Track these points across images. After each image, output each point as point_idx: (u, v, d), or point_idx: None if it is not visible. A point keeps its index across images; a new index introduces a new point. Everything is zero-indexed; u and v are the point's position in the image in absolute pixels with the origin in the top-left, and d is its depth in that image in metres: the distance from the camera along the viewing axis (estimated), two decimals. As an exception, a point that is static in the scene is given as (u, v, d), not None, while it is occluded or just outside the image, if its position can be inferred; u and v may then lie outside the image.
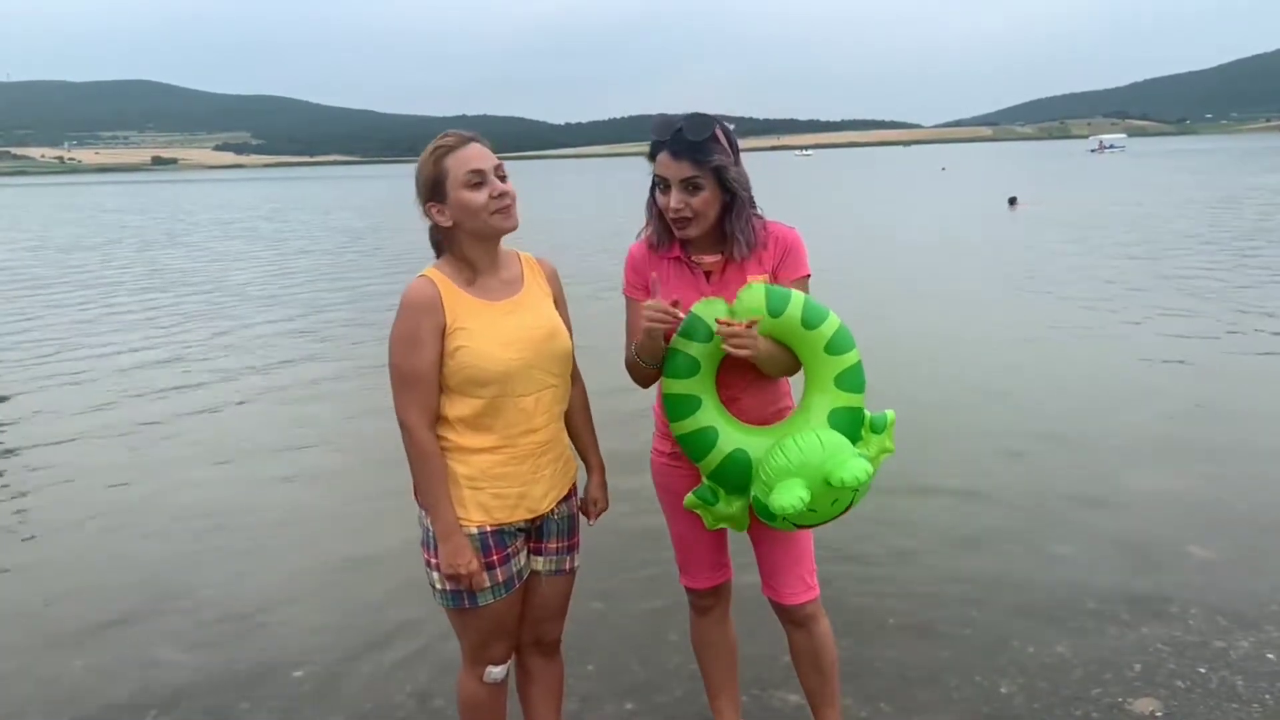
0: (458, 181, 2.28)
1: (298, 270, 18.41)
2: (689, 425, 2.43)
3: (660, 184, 2.44)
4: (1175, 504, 5.04)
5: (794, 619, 2.68)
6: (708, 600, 2.82)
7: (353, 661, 3.72)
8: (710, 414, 2.43)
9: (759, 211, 2.53)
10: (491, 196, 2.29)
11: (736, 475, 2.39)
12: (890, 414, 2.49)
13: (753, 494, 2.35)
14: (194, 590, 4.43)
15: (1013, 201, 27.67)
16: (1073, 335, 9.50)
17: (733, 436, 2.41)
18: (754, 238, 2.48)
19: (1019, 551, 4.53)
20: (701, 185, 2.37)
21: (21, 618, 4.24)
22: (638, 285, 2.61)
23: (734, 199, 2.43)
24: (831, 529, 4.51)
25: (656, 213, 2.53)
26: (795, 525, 2.35)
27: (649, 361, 2.47)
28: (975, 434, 6.43)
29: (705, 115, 2.40)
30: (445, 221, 2.32)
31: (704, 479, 2.48)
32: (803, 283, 2.54)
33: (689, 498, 2.41)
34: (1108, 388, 7.43)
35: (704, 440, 2.41)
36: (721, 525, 2.40)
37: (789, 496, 2.22)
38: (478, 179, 2.28)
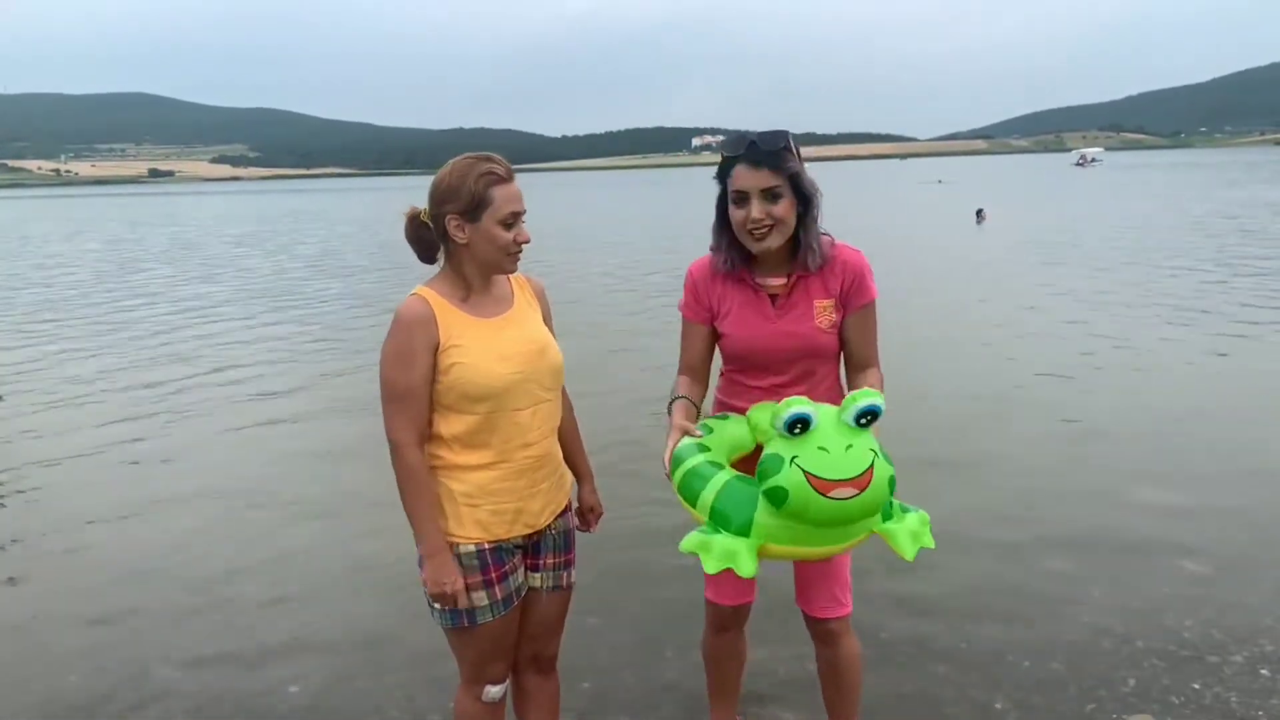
0: (496, 216, 2.30)
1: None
2: (683, 471, 2.34)
3: (737, 198, 2.42)
4: (1170, 518, 5.05)
5: (820, 632, 2.72)
6: (728, 620, 2.81)
7: (348, 678, 3.72)
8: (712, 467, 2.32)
9: (826, 232, 2.53)
10: (515, 241, 2.34)
11: (735, 506, 2.17)
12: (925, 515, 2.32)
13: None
14: (189, 604, 4.42)
15: (980, 214, 28.18)
16: (1053, 346, 9.51)
17: (729, 474, 2.28)
18: (824, 251, 2.49)
19: (1013, 566, 4.54)
20: (781, 193, 2.39)
21: (14, 632, 4.23)
22: (693, 305, 2.61)
23: (808, 208, 2.44)
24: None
25: (728, 236, 2.52)
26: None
27: None
28: (967, 449, 6.43)
29: (777, 130, 2.43)
30: (461, 239, 2.32)
31: (705, 521, 2.24)
32: (870, 307, 2.55)
33: (686, 540, 2.16)
34: (1100, 400, 7.45)
35: (697, 478, 2.28)
36: (725, 566, 2.11)
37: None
38: (513, 220, 2.32)
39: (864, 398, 2.06)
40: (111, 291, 17.54)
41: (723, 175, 2.47)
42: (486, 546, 2.37)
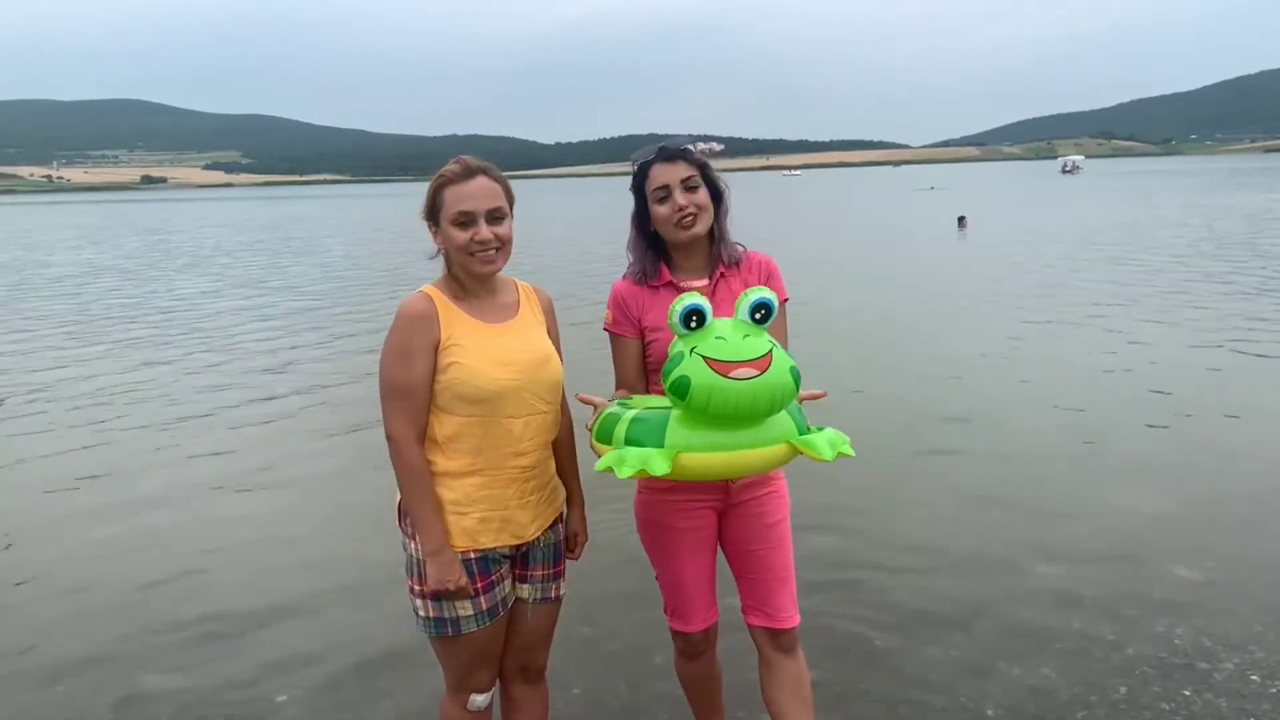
0: (448, 217, 2.33)
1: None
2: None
3: (659, 195, 2.58)
4: (1160, 524, 5.06)
5: (783, 644, 2.66)
6: (699, 645, 2.79)
7: (337, 687, 3.70)
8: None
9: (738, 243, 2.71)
10: (473, 240, 2.32)
11: (647, 430, 2.17)
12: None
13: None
14: (176, 615, 4.39)
15: (961, 221, 28.66)
16: (1044, 353, 9.56)
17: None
18: (739, 250, 2.68)
19: (1005, 573, 4.53)
20: (698, 183, 2.58)
21: (1, 641, 4.19)
22: (622, 321, 2.67)
23: (720, 198, 2.64)
24: (819, 552, 4.54)
25: (643, 244, 2.67)
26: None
27: None
28: (957, 455, 6.44)
29: (684, 135, 2.65)
30: (438, 244, 2.39)
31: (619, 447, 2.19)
32: (783, 307, 2.67)
33: (600, 461, 2.15)
34: (1088, 406, 7.46)
35: (610, 419, 2.29)
36: (639, 469, 2.06)
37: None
38: (465, 219, 2.32)
39: (755, 293, 2.17)
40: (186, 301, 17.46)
41: (639, 185, 2.63)
42: (473, 556, 2.36)
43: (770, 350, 2.11)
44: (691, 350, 2.10)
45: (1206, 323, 10.94)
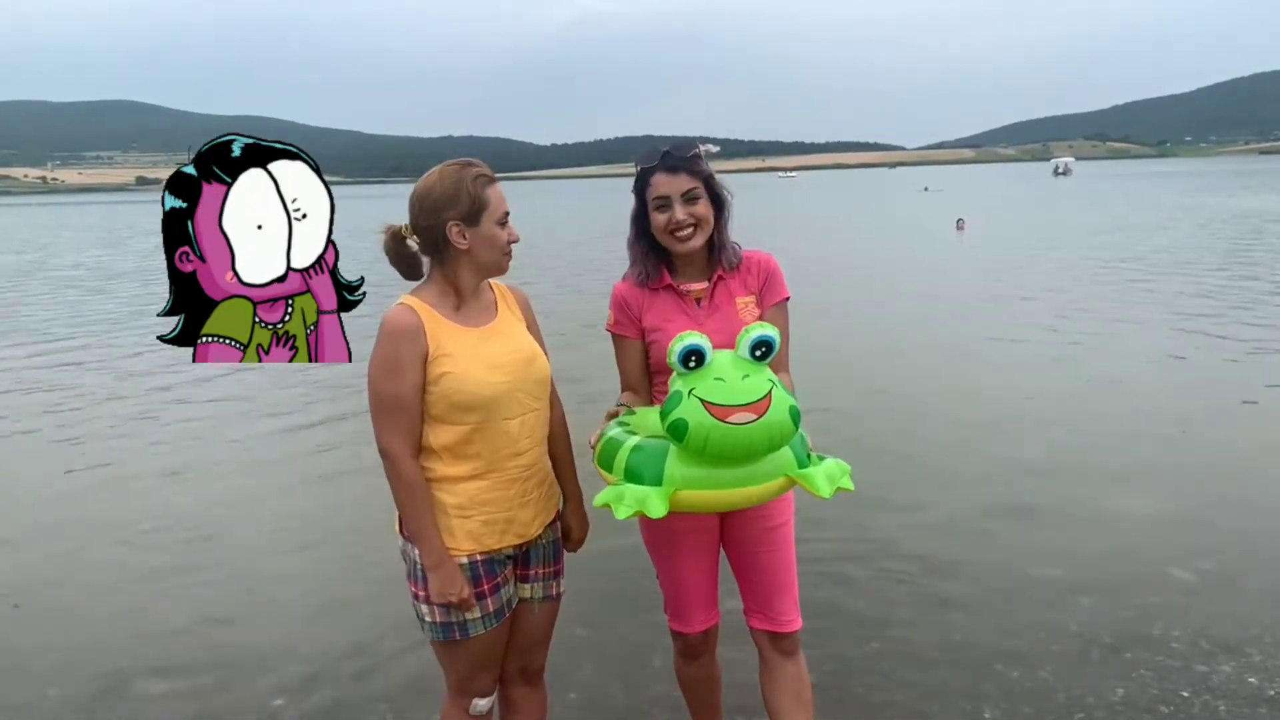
0: (493, 215, 2.33)
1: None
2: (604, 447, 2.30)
3: (658, 204, 2.55)
4: (1156, 526, 5.07)
5: (786, 648, 2.65)
6: (699, 646, 2.79)
7: (334, 690, 3.69)
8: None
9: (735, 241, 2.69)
10: (509, 239, 2.37)
11: (647, 461, 2.15)
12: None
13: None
14: (171, 617, 4.38)
15: (959, 223, 28.90)
16: (1042, 356, 9.56)
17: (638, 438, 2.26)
18: (736, 254, 2.65)
19: (1001, 576, 4.53)
20: (699, 195, 2.55)
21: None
22: (624, 322, 2.67)
23: (723, 208, 2.62)
24: (816, 553, 4.54)
25: (643, 247, 2.66)
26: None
27: None
28: (954, 457, 6.44)
29: (686, 138, 2.60)
30: (463, 245, 2.32)
31: (618, 480, 2.19)
32: (784, 305, 2.68)
33: (600, 495, 2.15)
34: (1086, 410, 7.47)
35: (613, 443, 2.26)
36: (636, 510, 2.08)
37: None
38: (505, 220, 2.36)
39: (756, 329, 2.13)
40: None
41: (640, 188, 2.60)
42: (479, 559, 2.36)
43: (769, 391, 2.07)
44: (690, 392, 2.06)
45: (1204, 326, 10.94)
